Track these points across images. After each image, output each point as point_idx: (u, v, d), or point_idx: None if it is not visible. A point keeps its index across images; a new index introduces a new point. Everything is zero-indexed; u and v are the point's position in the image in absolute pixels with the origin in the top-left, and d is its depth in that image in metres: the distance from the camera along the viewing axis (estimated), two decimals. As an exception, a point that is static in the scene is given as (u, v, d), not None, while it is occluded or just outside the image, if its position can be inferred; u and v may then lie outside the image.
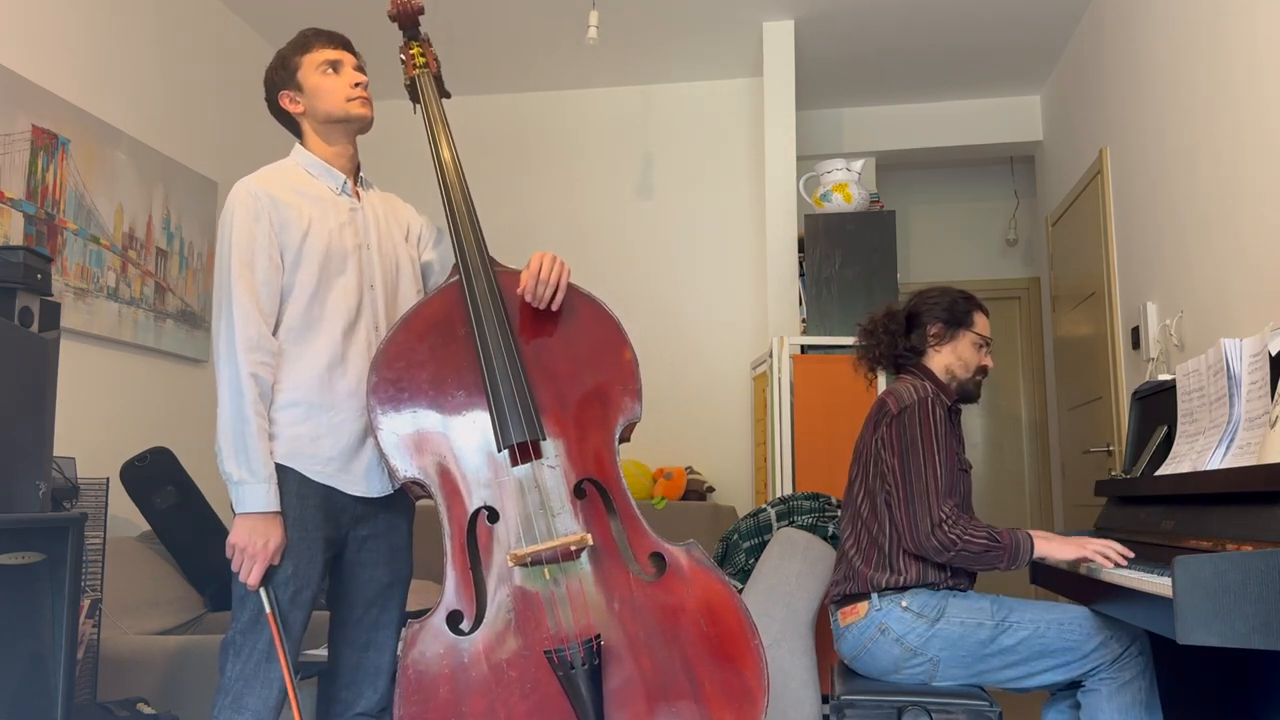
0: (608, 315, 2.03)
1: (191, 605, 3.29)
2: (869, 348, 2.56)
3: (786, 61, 4.58)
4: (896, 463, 2.29)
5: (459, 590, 1.87)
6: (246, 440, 1.85)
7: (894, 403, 2.36)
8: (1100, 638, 2.18)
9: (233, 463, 1.86)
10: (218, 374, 1.90)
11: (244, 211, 1.95)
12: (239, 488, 1.85)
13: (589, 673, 1.79)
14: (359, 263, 2.05)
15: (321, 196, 2.04)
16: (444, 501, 1.91)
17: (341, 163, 2.09)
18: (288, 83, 2.07)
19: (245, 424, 1.86)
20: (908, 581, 2.27)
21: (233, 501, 1.87)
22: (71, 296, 3.34)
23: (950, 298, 2.52)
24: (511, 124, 5.31)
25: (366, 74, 2.11)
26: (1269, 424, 1.93)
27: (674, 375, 5.02)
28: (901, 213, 6.12)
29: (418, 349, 1.95)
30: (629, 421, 1.99)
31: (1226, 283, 2.97)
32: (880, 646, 2.27)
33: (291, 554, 1.90)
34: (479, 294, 1.98)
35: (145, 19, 3.81)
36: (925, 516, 2.22)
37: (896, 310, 2.56)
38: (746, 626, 1.86)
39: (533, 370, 1.97)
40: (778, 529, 3.15)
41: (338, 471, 1.96)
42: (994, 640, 2.21)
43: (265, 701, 1.87)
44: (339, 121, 2.06)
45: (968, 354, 2.49)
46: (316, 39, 2.08)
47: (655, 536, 1.93)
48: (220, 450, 1.88)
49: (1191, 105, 3.21)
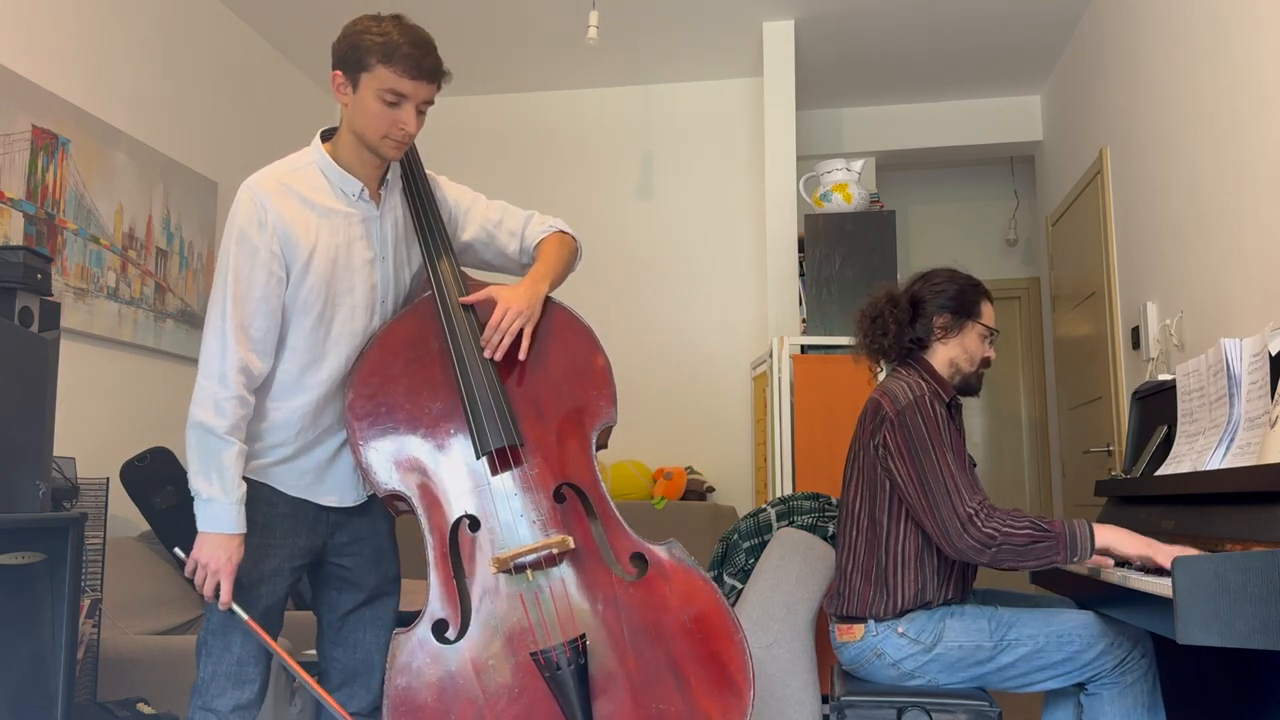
0: (579, 323, 2.05)
1: (191, 605, 3.29)
2: (873, 336, 2.37)
3: (786, 61, 4.58)
4: (909, 470, 2.15)
5: (443, 599, 1.88)
6: (222, 460, 1.80)
7: (890, 405, 2.22)
8: (1101, 645, 2.13)
9: (203, 480, 1.81)
10: (199, 387, 1.83)
11: (247, 221, 1.85)
12: (208, 505, 1.80)
13: (575, 673, 1.80)
14: (369, 278, 1.97)
15: (332, 208, 1.93)
16: (425, 512, 1.92)
17: (364, 171, 1.95)
18: (347, 71, 1.87)
19: (225, 445, 1.81)
20: (904, 604, 2.20)
21: (198, 517, 1.82)
22: (71, 296, 3.34)
23: (958, 285, 2.35)
24: (512, 124, 5.31)
25: (427, 111, 1.89)
26: (1269, 424, 1.93)
27: (674, 375, 5.02)
28: (901, 213, 6.12)
29: (393, 364, 1.96)
30: (605, 426, 2.01)
31: (1226, 283, 2.97)
32: (876, 669, 2.25)
33: (256, 559, 1.90)
34: (451, 307, 1.98)
35: (145, 19, 3.81)
36: (953, 516, 2.07)
37: (899, 295, 2.38)
38: (729, 621, 1.88)
39: (507, 379, 1.99)
40: (778, 529, 3.14)
41: (312, 484, 1.96)
42: (992, 659, 2.18)
43: (236, 703, 1.87)
44: (364, 146, 1.92)
45: (973, 346, 2.35)
46: (400, 59, 1.83)
47: (636, 537, 1.95)
48: (191, 465, 1.82)
49: (1191, 105, 3.21)
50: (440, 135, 5.30)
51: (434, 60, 1.87)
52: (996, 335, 2.40)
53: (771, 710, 2.72)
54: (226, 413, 1.81)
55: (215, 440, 1.80)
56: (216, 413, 1.80)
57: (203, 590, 1.81)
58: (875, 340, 2.37)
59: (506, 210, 2.17)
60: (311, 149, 1.96)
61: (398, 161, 2.02)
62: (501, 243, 2.14)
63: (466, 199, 2.14)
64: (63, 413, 3.30)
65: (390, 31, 1.84)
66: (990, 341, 2.38)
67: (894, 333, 2.33)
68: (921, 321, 2.34)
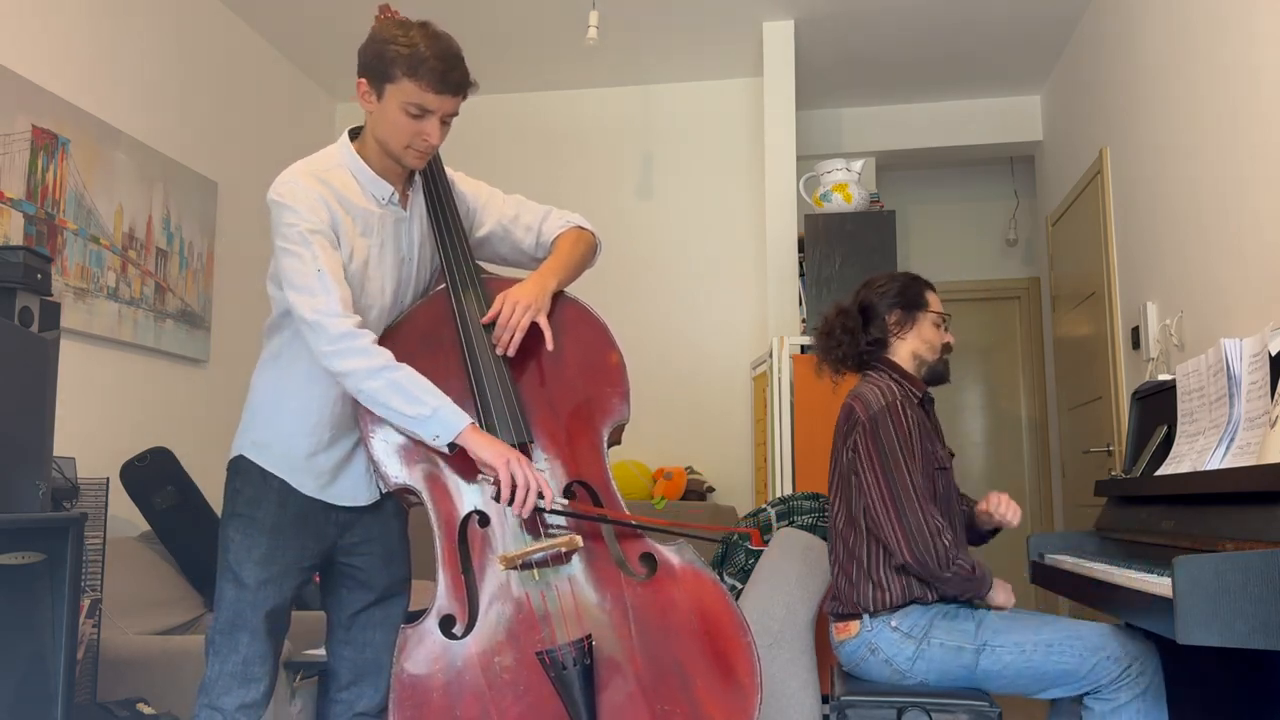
0: (595, 318, 2.04)
1: (191, 605, 3.29)
2: (829, 349, 2.48)
3: (786, 61, 4.58)
4: (876, 476, 2.24)
5: (451, 594, 1.88)
6: (404, 385, 1.79)
7: (862, 410, 2.30)
8: (1095, 659, 2.10)
9: (413, 406, 1.79)
10: (331, 351, 1.78)
11: (302, 196, 1.83)
12: (435, 415, 1.79)
13: (581, 673, 1.80)
14: (398, 279, 1.98)
15: (366, 210, 1.92)
16: (434, 507, 1.92)
17: (393, 175, 1.95)
18: (372, 80, 1.85)
19: (390, 370, 1.79)
20: (894, 600, 2.24)
21: (441, 434, 1.80)
22: (71, 296, 3.34)
23: (900, 282, 2.46)
24: (512, 124, 5.31)
25: (452, 122, 1.89)
26: (1269, 424, 1.93)
27: (674, 375, 5.02)
28: (901, 213, 6.12)
29: (405, 357, 1.96)
30: (618, 423, 2.00)
31: (1226, 283, 2.97)
32: (871, 666, 2.27)
33: (265, 560, 1.90)
34: (465, 301, 1.98)
35: (145, 19, 3.81)
36: (922, 526, 2.17)
37: (848, 306, 2.50)
38: (738, 624, 1.87)
39: (520, 375, 1.98)
40: (778, 529, 3.15)
41: (328, 484, 1.96)
42: (976, 665, 2.18)
43: (241, 701, 1.87)
44: (387, 154, 1.91)
45: (930, 334, 2.44)
46: (427, 73, 1.79)
47: (646, 537, 1.94)
48: (390, 410, 1.80)
49: (1191, 105, 3.21)
50: (440, 135, 5.29)
51: (460, 74, 1.84)
52: (949, 319, 2.50)
53: (772, 710, 2.72)
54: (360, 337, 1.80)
55: (383, 370, 1.79)
56: (362, 341, 1.79)
57: (529, 493, 1.80)
58: (832, 352, 2.47)
59: (523, 205, 2.15)
60: (340, 149, 1.95)
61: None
62: (517, 238, 2.13)
63: (484, 194, 2.13)
64: (63, 413, 3.30)
65: (418, 43, 1.80)
66: (945, 327, 2.48)
67: (848, 342, 2.44)
68: (875, 324, 2.44)
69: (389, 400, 1.80)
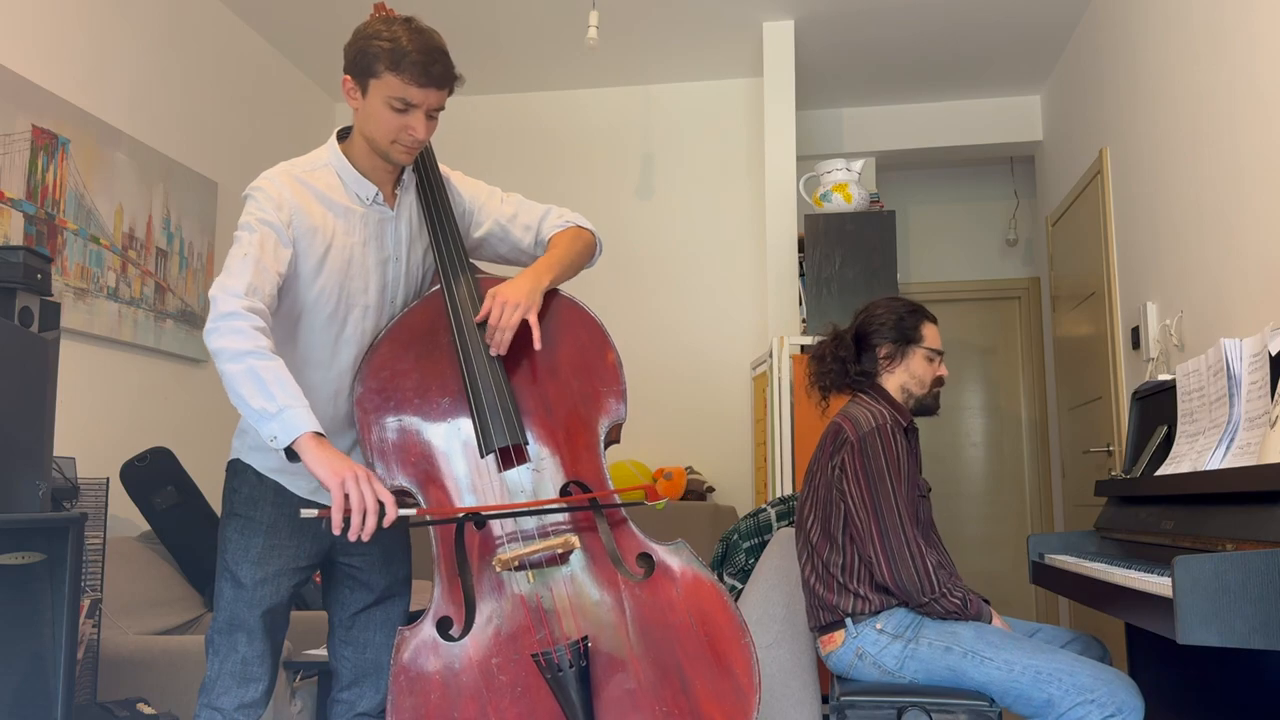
0: (590, 318, 2.03)
1: (191, 605, 3.29)
2: (820, 374, 2.50)
3: (786, 61, 4.58)
4: (864, 495, 2.25)
5: (448, 596, 1.87)
6: (262, 375, 1.68)
7: (852, 430, 2.31)
8: (1079, 700, 2.02)
9: (261, 399, 1.67)
10: (211, 328, 1.72)
11: (263, 200, 1.83)
12: (279, 414, 1.66)
13: (577, 674, 1.79)
14: (383, 278, 1.97)
15: (349, 208, 1.93)
16: (431, 508, 1.91)
17: (379, 173, 1.95)
18: (356, 76, 1.85)
19: (255, 357, 1.69)
20: (876, 604, 2.25)
21: (278, 435, 1.67)
22: (71, 296, 3.34)
23: (896, 314, 2.45)
24: (512, 124, 5.32)
25: (438, 116, 1.84)
26: (1269, 424, 1.93)
27: (674, 375, 5.03)
28: (901, 213, 6.13)
29: (402, 358, 1.95)
30: (614, 423, 2.00)
31: (1226, 283, 2.97)
32: (861, 672, 2.27)
33: (262, 559, 1.90)
34: (460, 301, 1.97)
35: (145, 19, 3.81)
36: (904, 549, 2.19)
37: (843, 333, 2.51)
38: (736, 624, 1.87)
39: (515, 375, 1.98)
40: (778, 529, 3.15)
41: (321, 487, 1.96)
42: (964, 670, 2.17)
43: (240, 701, 1.88)
44: (375, 151, 1.91)
45: (921, 370, 2.44)
46: (409, 67, 1.80)
47: (643, 537, 1.94)
48: (239, 398, 1.69)
49: (1191, 105, 3.21)
50: (440, 135, 5.30)
51: (443, 67, 1.84)
52: (942, 356, 2.50)
53: (772, 710, 2.72)
54: (259, 318, 1.73)
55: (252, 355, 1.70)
56: (246, 322, 1.72)
57: (368, 515, 1.66)
58: (822, 378, 2.50)
59: (522, 204, 2.15)
60: (327, 149, 1.95)
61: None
62: (516, 237, 2.13)
63: (482, 194, 2.13)
64: (63, 413, 3.30)
65: (400, 36, 1.80)
66: (939, 362, 2.48)
67: (837, 370, 2.47)
68: (866, 355, 2.46)
69: (240, 387, 1.68)
